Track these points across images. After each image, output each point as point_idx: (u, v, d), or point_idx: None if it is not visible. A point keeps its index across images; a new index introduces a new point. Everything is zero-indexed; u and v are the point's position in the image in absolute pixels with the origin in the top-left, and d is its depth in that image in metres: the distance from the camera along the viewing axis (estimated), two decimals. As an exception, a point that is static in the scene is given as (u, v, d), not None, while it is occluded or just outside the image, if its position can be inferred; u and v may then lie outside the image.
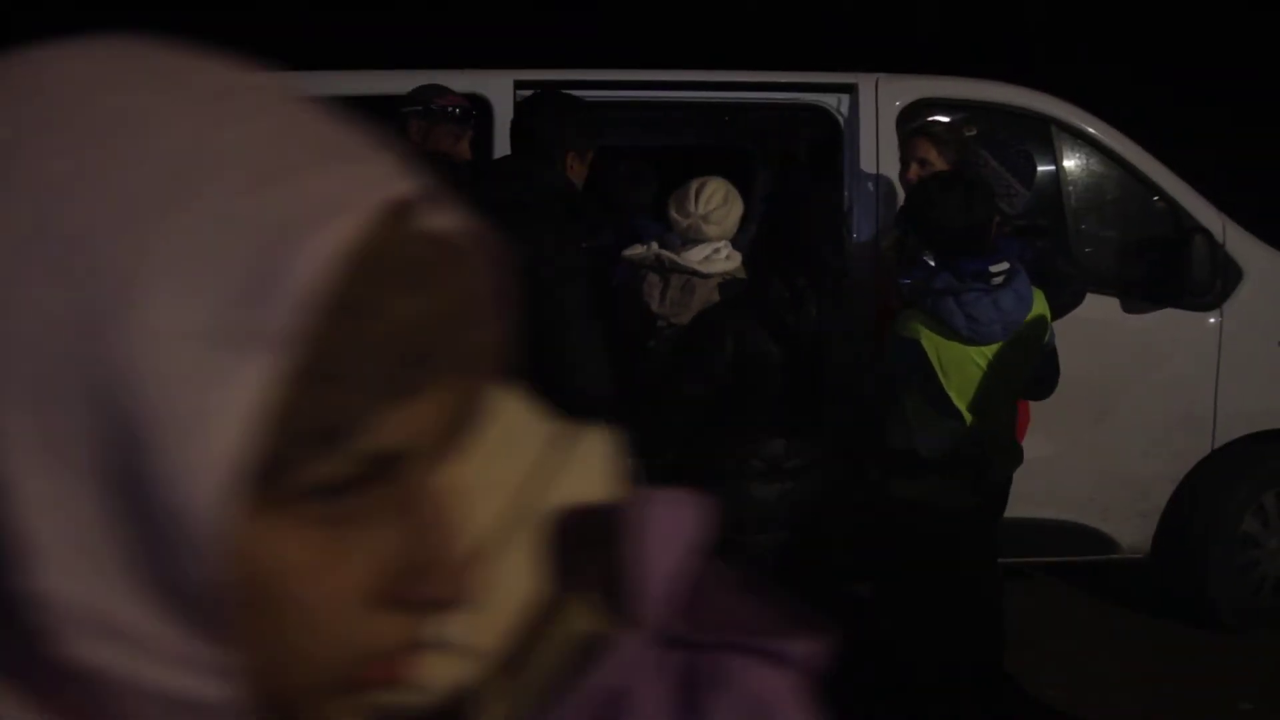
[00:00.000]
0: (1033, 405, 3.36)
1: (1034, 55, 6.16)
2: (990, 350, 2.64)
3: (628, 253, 3.33)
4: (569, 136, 2.69)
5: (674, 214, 3.17)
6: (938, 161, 3.20)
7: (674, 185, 3.28)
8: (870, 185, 3.84)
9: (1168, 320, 3.87)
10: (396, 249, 0.34)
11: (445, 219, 0.36)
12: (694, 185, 3.16)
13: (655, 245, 3.22)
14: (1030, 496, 3.73)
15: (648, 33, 7.65)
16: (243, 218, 0.32)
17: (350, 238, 0.32)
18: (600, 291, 2.98)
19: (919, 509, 2.74)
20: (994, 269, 2.56)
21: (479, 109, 3.76)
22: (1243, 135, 7.89)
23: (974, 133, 3.75)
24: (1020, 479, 3.22)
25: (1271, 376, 3.93)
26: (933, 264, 2.66)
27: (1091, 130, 3.93)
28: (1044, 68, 4.93)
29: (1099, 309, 3.85)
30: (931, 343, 2.64)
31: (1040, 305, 2.73)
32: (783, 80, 4.03)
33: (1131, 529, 4.01)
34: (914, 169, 3.25)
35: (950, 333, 2.62)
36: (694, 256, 3.10)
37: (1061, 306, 2.91)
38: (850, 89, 3.91)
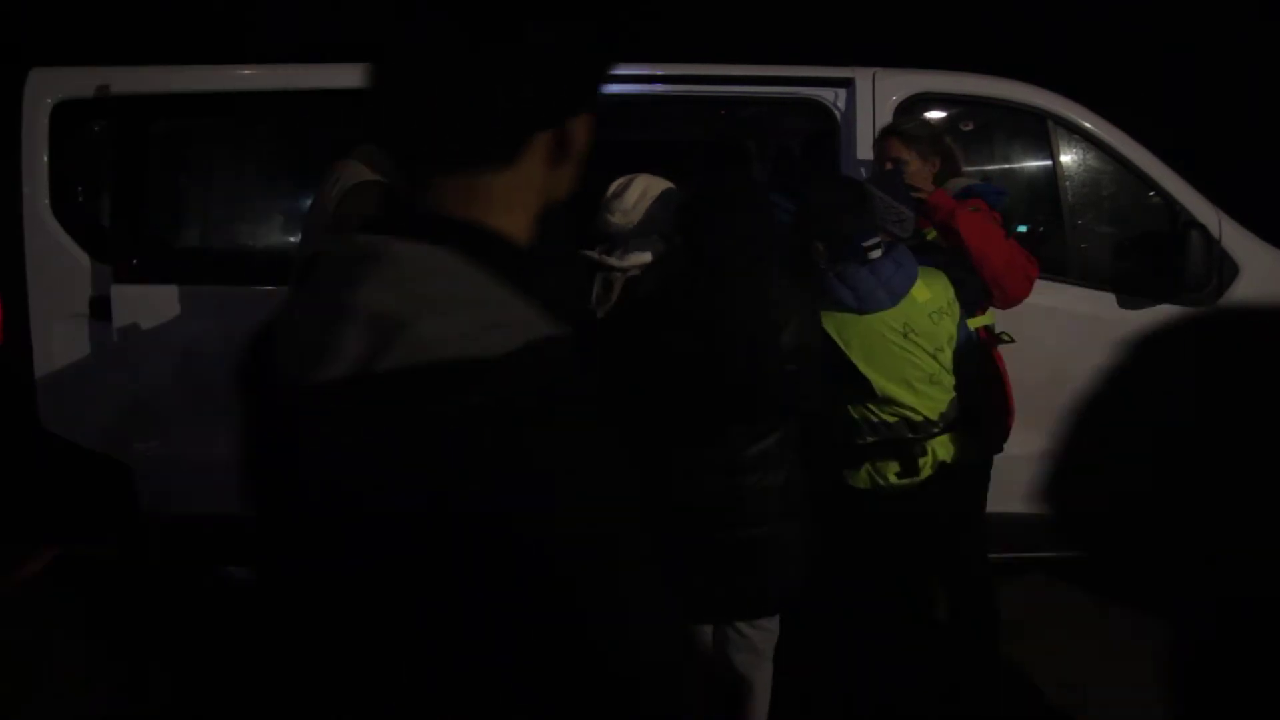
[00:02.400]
0: (1028, 400, 3.37)
1: (1030, 49, 6.15)
2: (895, 321, 2.80)
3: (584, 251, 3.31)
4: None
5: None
6: (913, 160, 3.20)
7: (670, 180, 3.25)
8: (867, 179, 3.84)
9: (1164, 316, 3.88)
10: None
11: None
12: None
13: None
14: (1024, 492, 3.74)
15: (642, 26, 7.62)
16: None
17: None
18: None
19: (861, 494, 2.93)
20: (867, 244, 2.79)
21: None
22: (1240, 130, 7.89)
23: (970, 127, 3.75)
24: (1015, 474, 3.23)
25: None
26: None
27: (1088, 125, 3.93)
28: (1040, 62, 4.92)
29: (1095, 304, 3.86)
30: (832, 322, 2.82)
31: (943, 285, 2.90)
32: (779, 74, 4.02)
33: (1126, 524, 4.01)
34: (888, 166, 3.25)
35: (842, 306, 2.81)
36: (616, 252, 3.10)
37: (963, 305, 3.03)
38: (847, 83, 3.91)
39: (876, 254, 2.80)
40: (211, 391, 3.81)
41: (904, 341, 2.79)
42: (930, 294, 2.86)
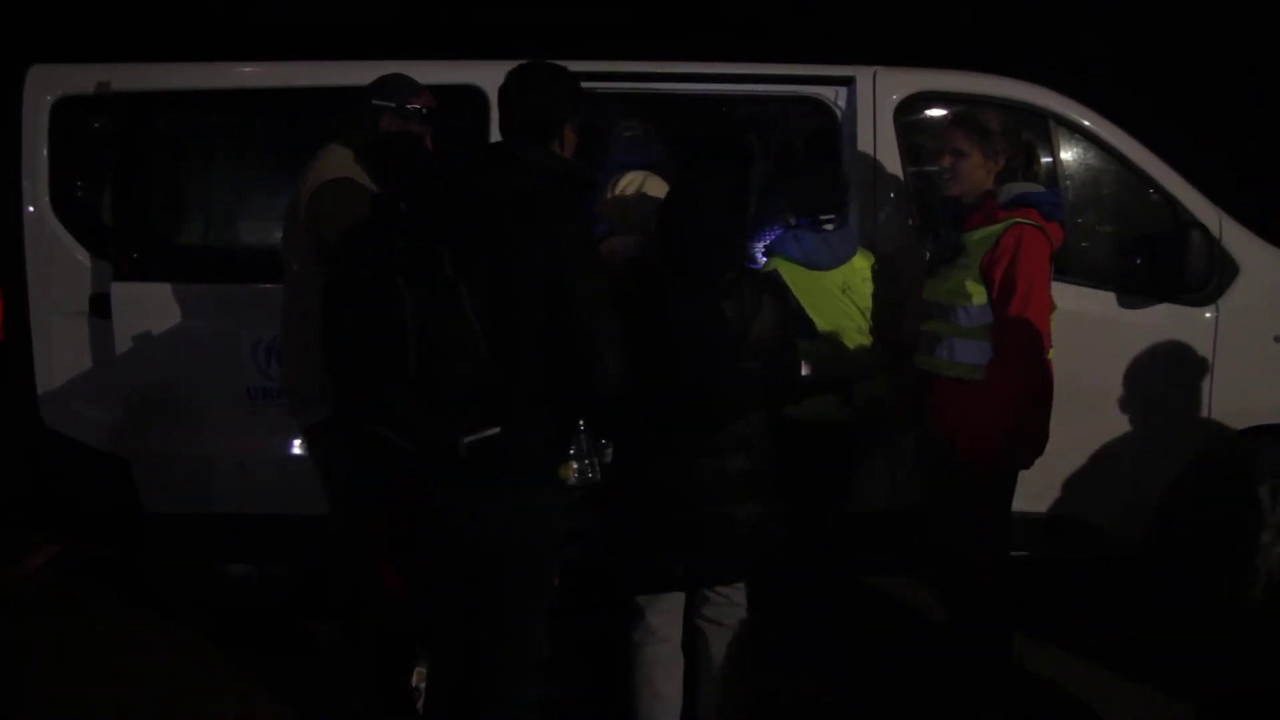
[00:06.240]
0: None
1: (1032, 48, 6.15)
2: (839, 278, 3.43)
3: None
4: (565, 110, 2.53)
5: None
6: (974, 154, 3.12)
7: (669, 178, 3.27)
8: (867, 177, 3.83)
9: (1163, 315, 3.87)
10: None
11: None
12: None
13: None
14: (1025, 491, 3.73)
15: (644, 23, 7.63)
16: None
17: None
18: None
19: (804, 425, 3.27)
20: (823, 217, 3.46)
21: (474, 100, 3.73)
22: (1240, 129, 7.88)
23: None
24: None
25: (1267, 371, 3.93)
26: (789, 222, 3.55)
27: (1088, 124, 3.92)
28: (1042, 61, 4.92)
29: (1095, 303, 3.86)
30: (787, 271, 3.43)
31: (866, 256, 3.54)
32: (780, 72, 4.02)
33: (1127, 523, 4.01)
34: (947, 158, 3.19)
35: (789, 258, 3.44)
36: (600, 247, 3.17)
37: None
38: (848, 81, 3.91)
39: (828, 226, 3.45)
40: (211, 388, 3.82)
41: (842, 297, 3.43)
42: (865, 263, 3.52)
